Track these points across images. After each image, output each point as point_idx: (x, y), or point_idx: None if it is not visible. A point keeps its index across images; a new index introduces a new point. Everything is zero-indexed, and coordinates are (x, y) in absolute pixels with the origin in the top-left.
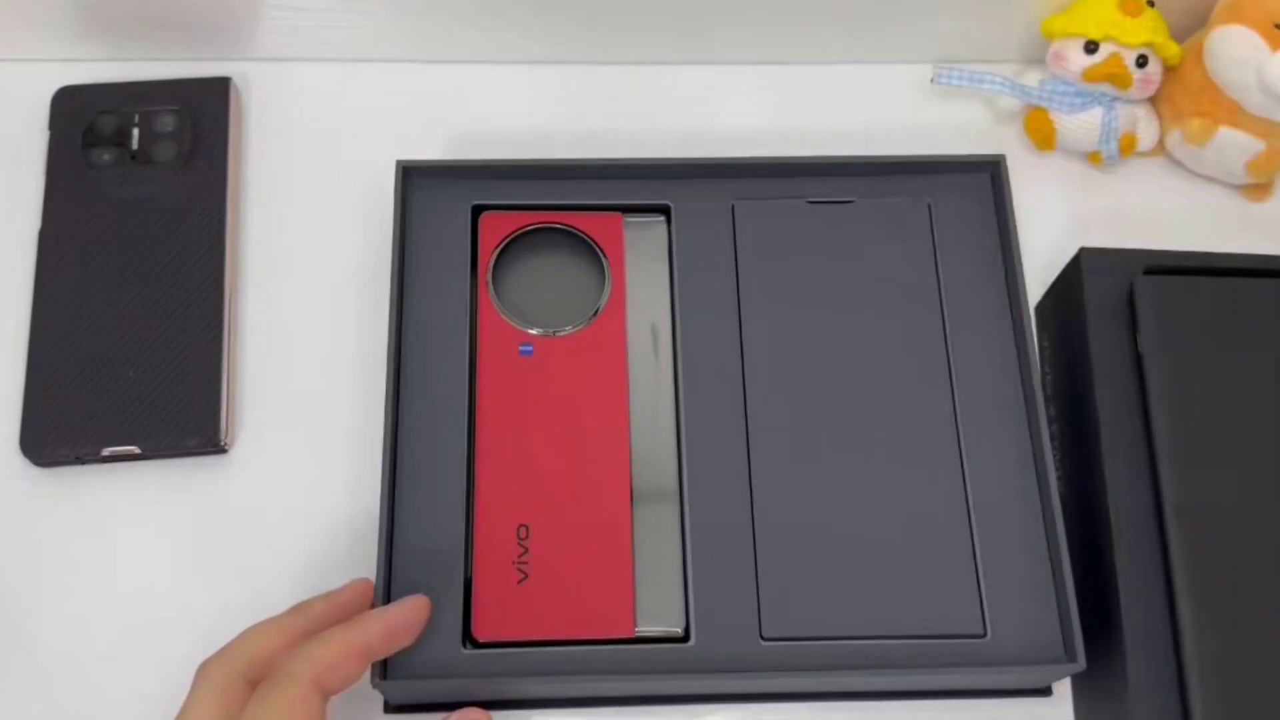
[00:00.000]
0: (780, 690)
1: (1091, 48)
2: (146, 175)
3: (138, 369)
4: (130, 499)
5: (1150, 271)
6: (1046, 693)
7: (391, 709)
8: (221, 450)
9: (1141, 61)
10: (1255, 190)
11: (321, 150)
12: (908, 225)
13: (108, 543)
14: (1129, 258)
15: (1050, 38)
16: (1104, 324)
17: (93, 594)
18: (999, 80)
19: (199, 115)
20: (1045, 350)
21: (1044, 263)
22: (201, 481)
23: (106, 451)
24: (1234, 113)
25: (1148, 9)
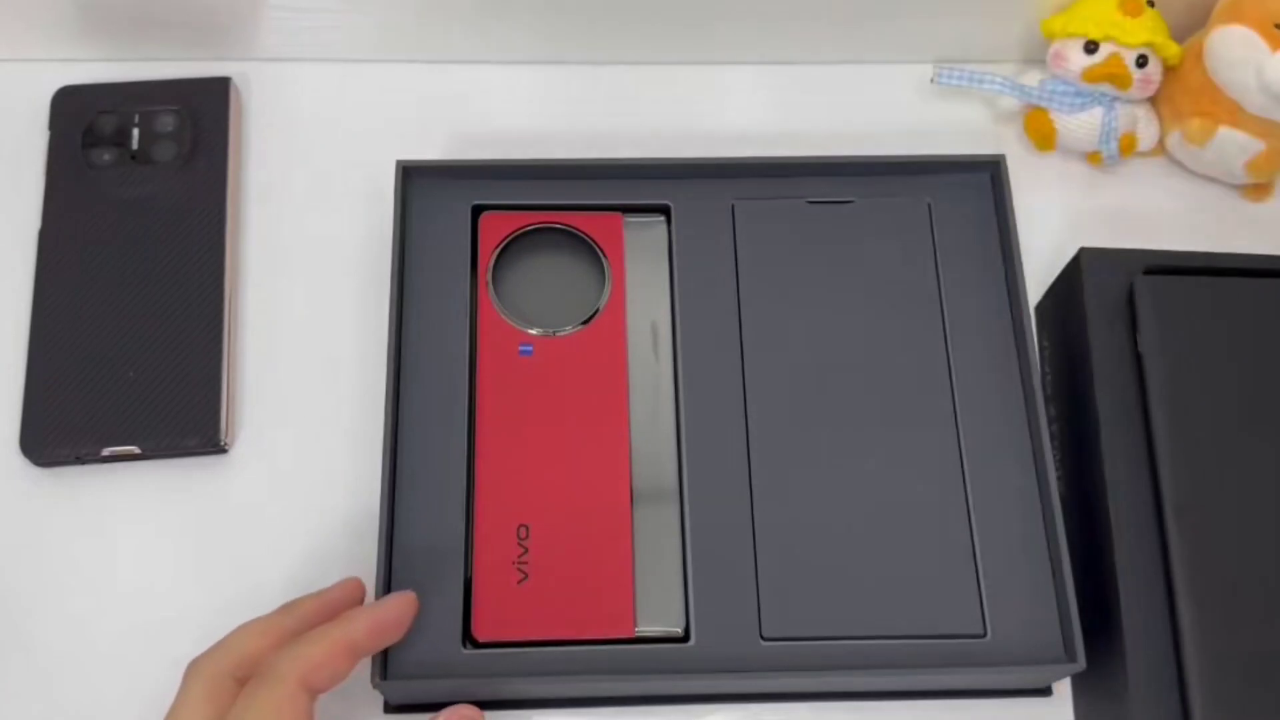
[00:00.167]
0: (780, 690)
1: (1091, 48)
2: (146, 175)
3: (138, 369)
4: (130, 499)
5: (1150, 271)
6: (1046, 693)
7: (391, 709)
8: (221, 450)
9: (1141, 61)
10: (1255, 190)
11: (321, 150)
12: (908, 225)
13: (108, 543)
14: (1129, 258)
15: (1050, 38)
16: (1104, 324)
17: (93, 594)
18: (999, 80)
19: (199, 115)
20: (1045, 350)
21: (1044, 263)
22: (201, 481)
23: (106, 451)
24: (1234, 113)
25: (1148, 9)
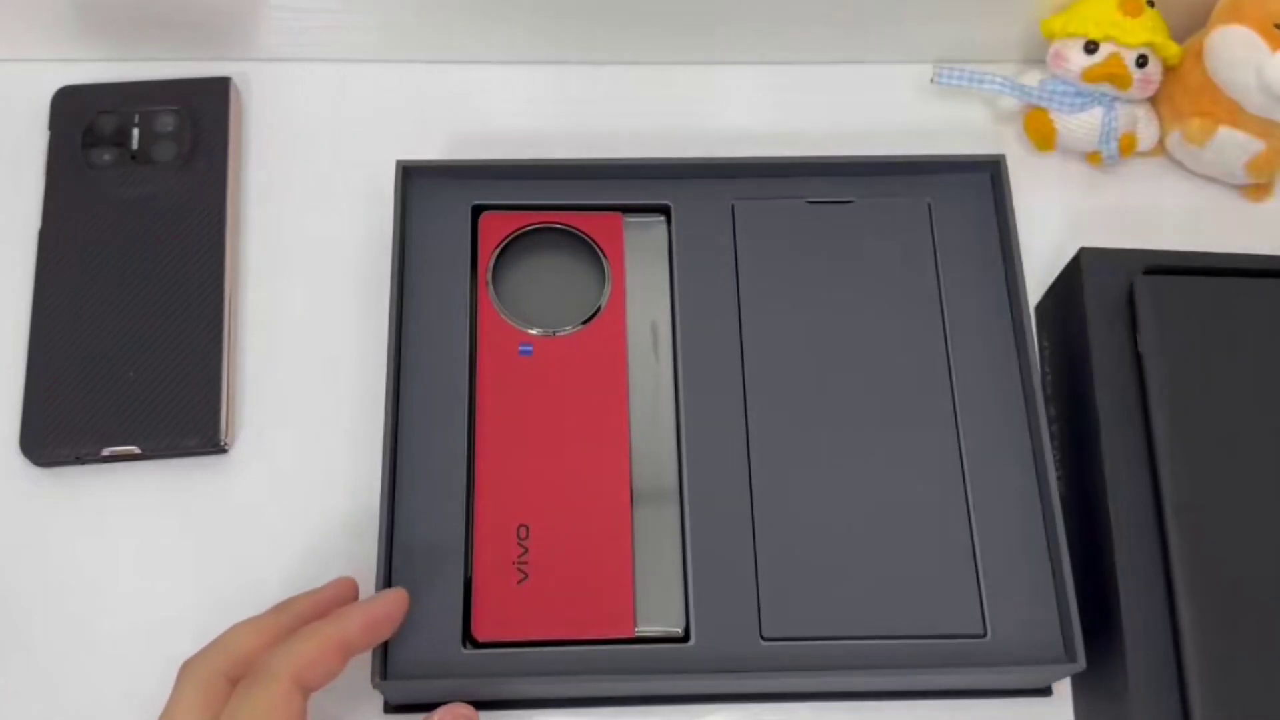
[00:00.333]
0: (780, 690)
1: (1091, 48)
2: (146, 175)
3: (138, 369)
4: (130, 499)
5: (1150, 271)
6: (1046, 693)
7: (391, 709)
8: (221, 450)
9: (1141, 61)
10: (1255, 190)
11: (321, 150)
12: (908, 225)
13: (108, 543)
14: (1129, 258)
15: (1050, 38)
16: (1104, 324)
17: (93, 594)
18: (999, 80)
19: (199, 115)
20: (1045, 350)
21: (1044, 263)
22: (201, 481)
23: (106, 451)
24: (1234, 113)
25: (1148, 9)
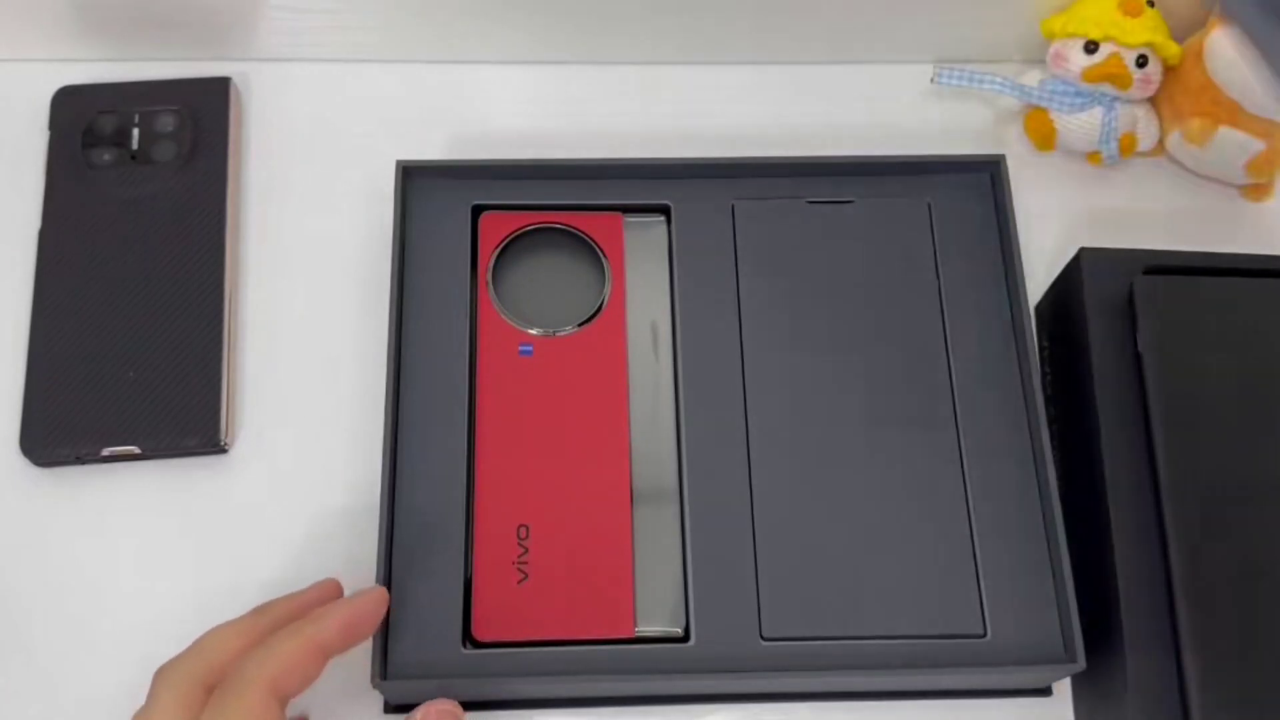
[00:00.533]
0: (780, 690)
1: (1091, 48)
2: (146, 175)
3: (138, 369)
4: (130, 499)
5: (1150, 271)
6: (1046, 693)
7: (391, 709)
8: (221, 450)
9: (1141, 61)
10: (1255, 190)
11: (321, 150)
12: (908, 225)
13: (108, 543)
14: (1129, 258)
15: (1050, 38)
16: (1104, 324)
17: (93, 594)
18: (999, 80)
19: (199, 115)
20: (1045, 350)
21: (1044, 263)
22: (201, 481)
23: (106, 451)
24: (1234, 113)
25: (1148, 9)
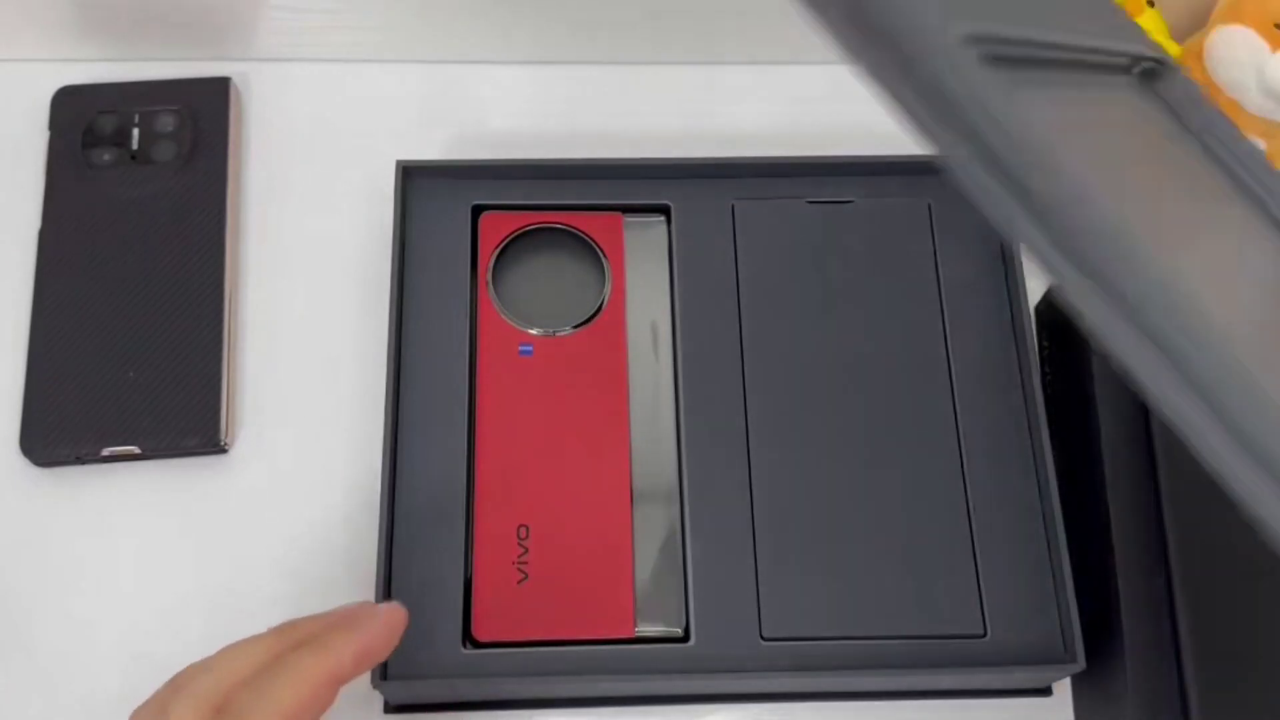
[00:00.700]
0: (780, 690)
1: None
2: (146, 175)
3: (138, 369)
4: (130, 499)
5: None
6: (1046, 693)
7: (391, 709)
8: (221, 450)
9: None
10: None
11: (321, 150)
12: (908, 225)
13: (108, 543)
14: None
15: None
16: None
17: (93, 594)
18: None
19: (199, 115)
20: (1045, 350)
21: None
22: (201, 481)
23: (106, 451)
24: (1234, 113)
25: (1148, 9)
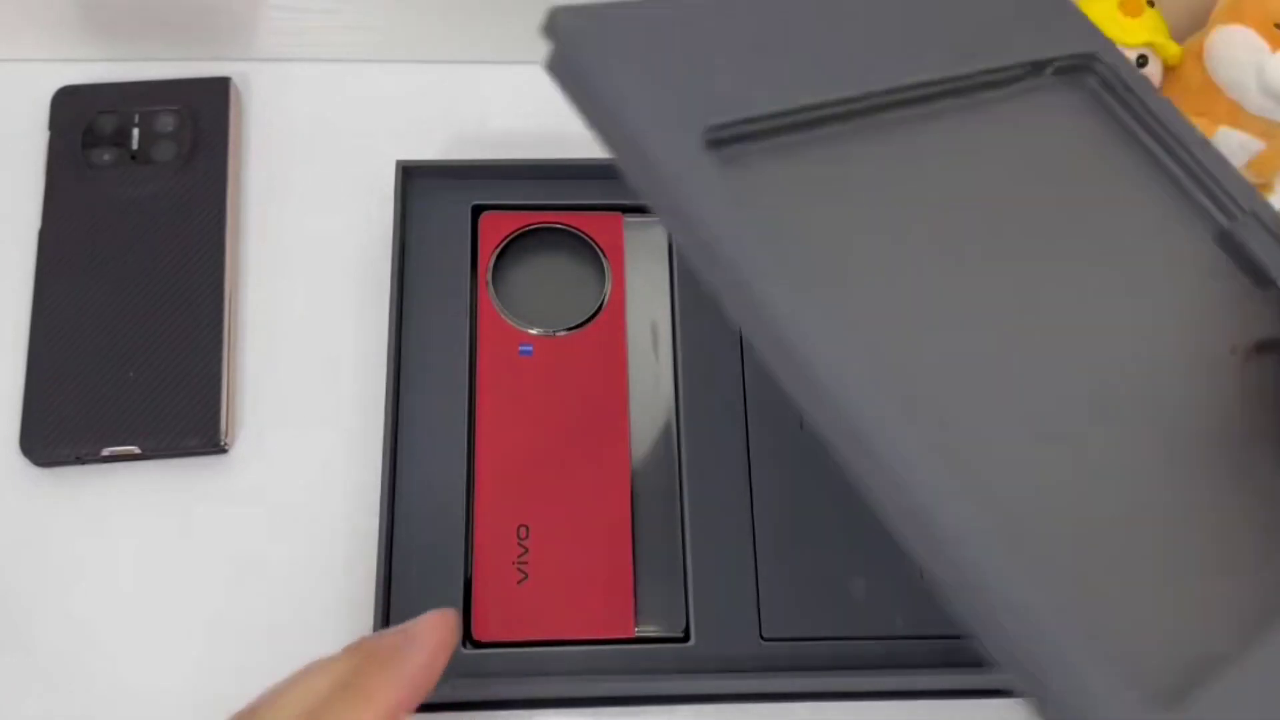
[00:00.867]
0: (780, 690)
1: None
2: (146, 175)
3: (138, 369)
4: (130, 499)
5: None
6: None
7: None
8: (221, 450)
9: (1141, 61)
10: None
11: (321, 150)
12: None
13: (108, 543)
14: None
15: None
16: None
17: (93, 594)
18: None
19: (199, 115)
20: None
21: None
22: (201, 481)
23: (106, 451)
24: (1234, 113)
25: (1148, 9)
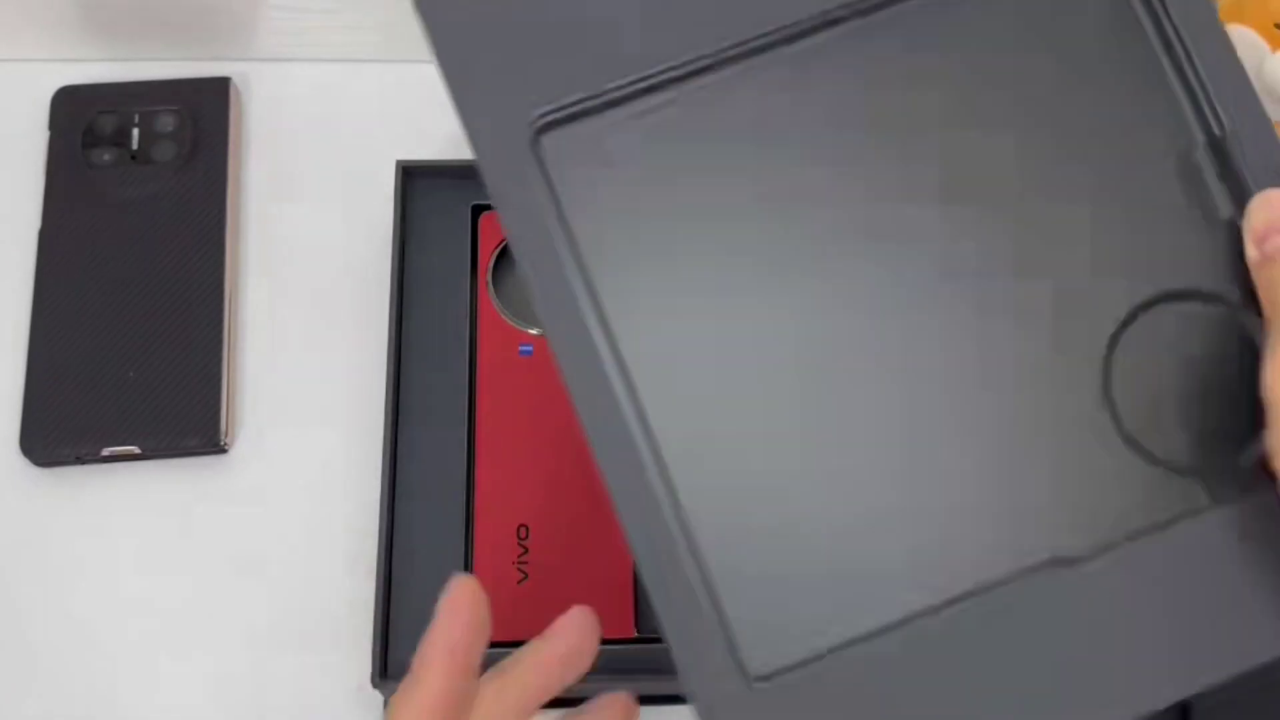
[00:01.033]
0: None
1: None
2: (146, 175)
3: (138, 369)
4: (130, 499)
5: None
6: None
7: None
8: (221, 450)
9: None
10: None
11: (321, 150)
12: None
13: (108, 543)
14: None
15: None
16: None
17: (93, 594)
18: None
19: (199, 115)
20: None
21: None
22: (201, 481)
23: (106, 451)
24: None
25: None
